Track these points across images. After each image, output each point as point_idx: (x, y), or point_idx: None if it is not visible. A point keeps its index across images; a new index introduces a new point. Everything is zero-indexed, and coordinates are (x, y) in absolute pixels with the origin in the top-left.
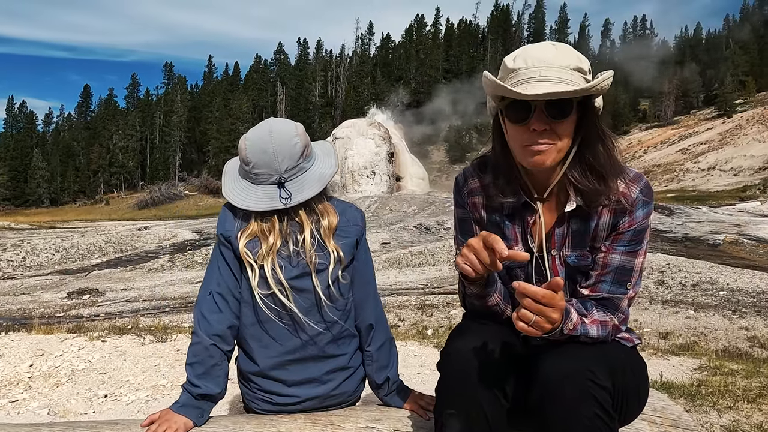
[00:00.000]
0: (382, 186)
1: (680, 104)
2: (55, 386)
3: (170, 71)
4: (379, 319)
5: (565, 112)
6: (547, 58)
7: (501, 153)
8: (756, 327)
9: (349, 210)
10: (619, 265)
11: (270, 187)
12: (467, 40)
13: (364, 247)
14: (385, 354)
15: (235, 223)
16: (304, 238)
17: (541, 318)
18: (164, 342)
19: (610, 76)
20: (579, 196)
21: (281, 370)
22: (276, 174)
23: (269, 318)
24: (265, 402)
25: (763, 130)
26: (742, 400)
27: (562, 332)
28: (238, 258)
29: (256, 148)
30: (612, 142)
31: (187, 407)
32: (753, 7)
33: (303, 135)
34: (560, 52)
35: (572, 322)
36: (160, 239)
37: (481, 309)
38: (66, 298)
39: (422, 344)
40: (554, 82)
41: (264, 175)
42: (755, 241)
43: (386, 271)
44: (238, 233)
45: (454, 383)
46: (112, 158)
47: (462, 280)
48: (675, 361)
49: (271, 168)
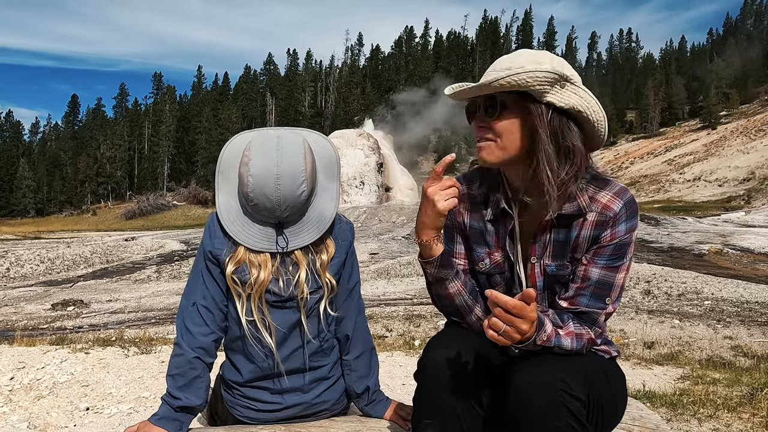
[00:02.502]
0: (371, 196)
1: (666, 116)
2: (36, 399)
3: (159, 81)
4: (359, 328)
5: (493, 109)
6: (497, 64)
7: None
8: (740, 336)
9: (339, 225)
10: (599, 279)
11: (267, 228)
12: (456, 52)
13: (351, 259)
14: (364, 363)
15: (225, 243)
16: (299, 277)
17: (511, 328)
18: (149, 354)
19: (526, 70)
20: (556, 204)
21: (265, 381)
22: (275, 219)
23: (254, 335)
24: (247, 408)
25: (746, 142)
26: (722, 409)
27: (535, 343)
28: (225, 275)
29: (259, 191)
30: (568, 152)
31: (166, 419)
32: (736, 21)
33: (311, 175)
34: (510, 56)
35: (546, 333)
36: (147, 250)
37: (449, 304)
38: (50, 309)
39: (408, 355)
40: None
41: (264, 216)
42: (739, 250)
43: (375, 282)
44: (227, 258)
45: (431, 393)
46: (99, 168)
47: (422, 264)
48: (659, 370)
49: (272, 214)
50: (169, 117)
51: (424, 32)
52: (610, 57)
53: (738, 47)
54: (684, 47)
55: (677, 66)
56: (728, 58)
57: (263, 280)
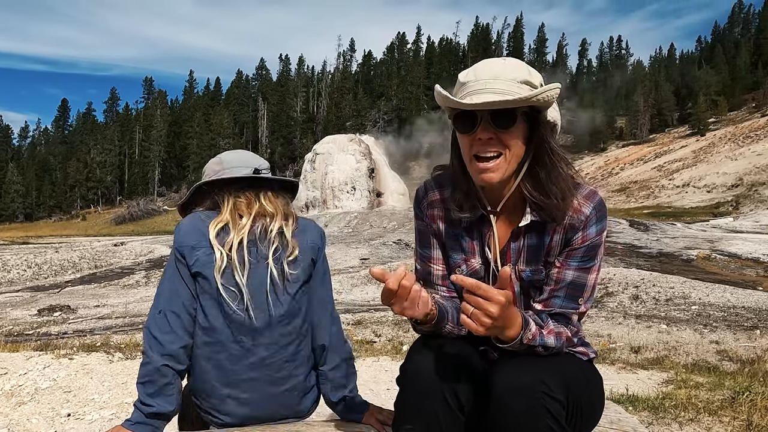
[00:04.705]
0: (362, 202)
1: (655, 122)
2: (17, 405)
3: (150, 86)
4: (335, 339)
5: (510, 121)
6: (495, 71)
7: (458, 166)
8: (725, 341)
9: (309, 228)
10: (572, 281)
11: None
12: (448, 58)
13: (322, 268)
14: (340, 374)
15: (192, 232)
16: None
17: (479, 311)
18: (133, 359)
19: (555, 87)
20: (534, 212)
21: (234, 389)
22: (250, 167)
23: (221, 339)
24: (217, 415)
25: (735, 148)
26: (703, 413)
27: (521, 342)
28: (193, 274)
29: (233, 155)
30: (564, 159)
31: (139, 425)
32: (723, 29)
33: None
34: (508, 65)
35: (531, 332)
36: (137, 255)
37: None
38: (36, 315)
39: (395, 360)
40: (498, 94)
41: (239, 167)
42: (727, 256)
43: (365, 287)
44: (203, 235)
45: (412, 398)
46: (89, 173)
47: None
48: (644, 374)
49: (247, 164)
50: (160, 122)
51: (416, 38)
52: (600, 64)
53: (726, 55)
54: (673, 54)
55: (666, 73)
56: (716, 65)
57: (245, 223)
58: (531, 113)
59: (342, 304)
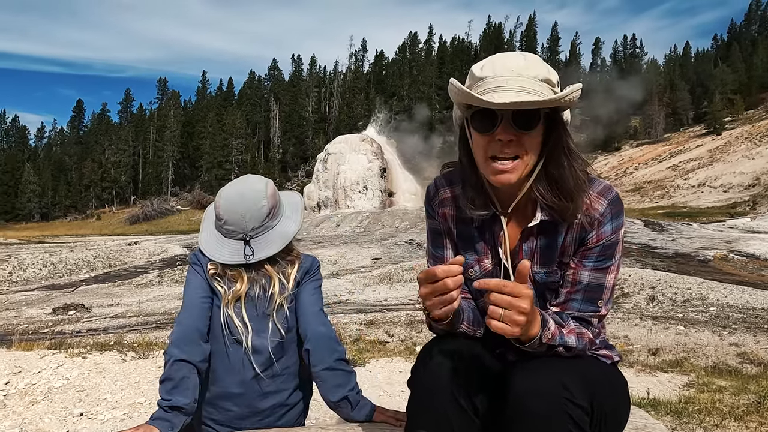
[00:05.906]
0: (374, 201)
1: (670, 121)
2: (31, 404)
3: (164, 87)
4: (324, 339)
5: (532, 123)
6: (516, 68)
7: (468, 165)
8: (746, 343)
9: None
10: (589, 283)
11: (237, 242)
12: (460, 58)
13: (310, 290)
14: (332, 374)
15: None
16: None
17: (511, 310)
18: (146, 359)
19: (579, 88)
20: (545, 211)
21: (226, 401)
22: (243, 232)
23: (219, 350)
24: (209, 424)
25: (751, 147)
26: (729, 418)
27: (540, 341)
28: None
29: (227, 206)
30: (580, 157)
31: (158, 420)
32: (740, 27)
33: (272, 197)
34: (529, 62)
35: (550, 330)
36: (150, 254)
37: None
38: (51, 313)
39: (409, 360)
40: (522, 92)
41: (233, 231)
42: (745, 256)
43: (377, 287)
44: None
45: (424, 400)
46: (104, 173)
47: (429, 322)
48: (663, 377)
49: (239, 226)
50: (173, 122)
51: (428, 38)
52: (614, 63)
53: (742, 53)
54: (688, 53)
55: (681, 72)
56: (733, 63)
57: (240, 287)
58: (551, 113)
59: (354, 303)
